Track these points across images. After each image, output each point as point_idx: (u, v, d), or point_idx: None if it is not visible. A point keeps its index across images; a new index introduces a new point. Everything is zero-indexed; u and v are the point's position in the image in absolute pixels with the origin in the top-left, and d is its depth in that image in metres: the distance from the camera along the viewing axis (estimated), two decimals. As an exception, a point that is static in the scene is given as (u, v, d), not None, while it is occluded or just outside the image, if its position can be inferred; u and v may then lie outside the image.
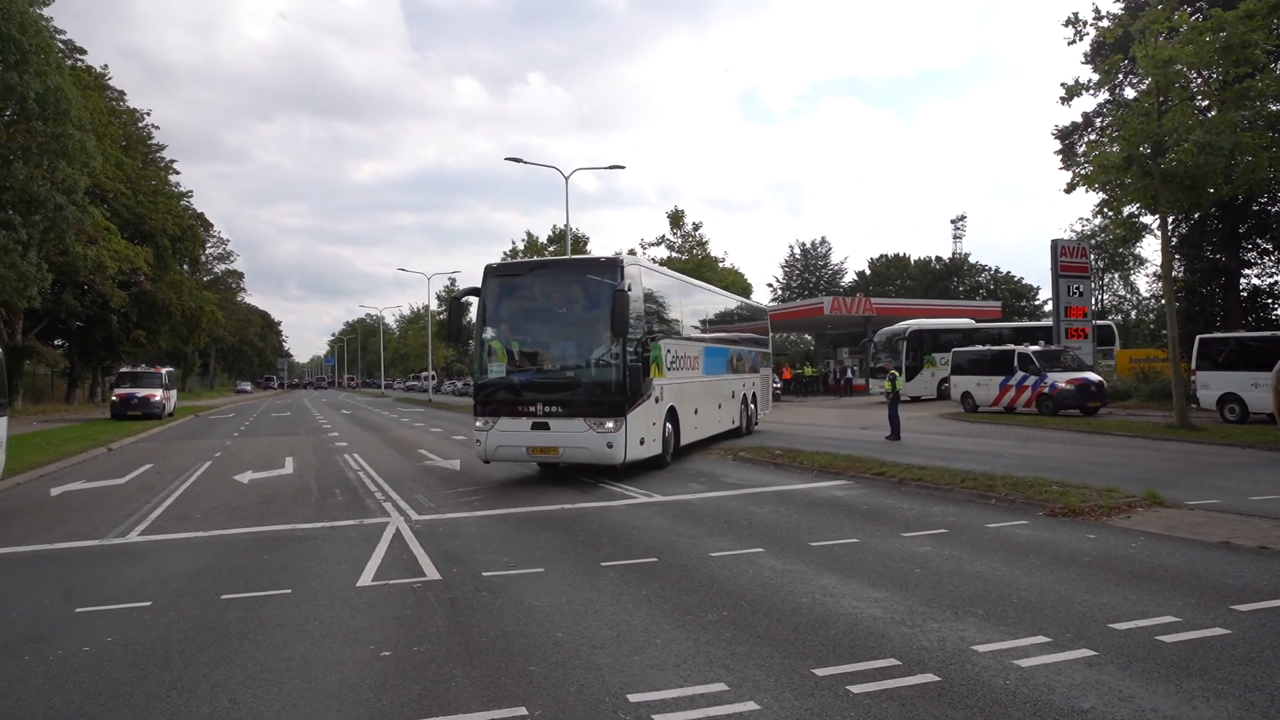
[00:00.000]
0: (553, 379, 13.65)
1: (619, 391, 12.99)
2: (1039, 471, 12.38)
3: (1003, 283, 75.72)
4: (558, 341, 14.08)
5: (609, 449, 12.95)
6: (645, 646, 5.47)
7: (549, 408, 13.21)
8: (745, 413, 21.62)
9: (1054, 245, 29.38)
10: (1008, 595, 6.41)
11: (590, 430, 12.98)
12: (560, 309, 14.05)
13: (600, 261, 13.81)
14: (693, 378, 17.03)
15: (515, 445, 13.42)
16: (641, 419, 13.59)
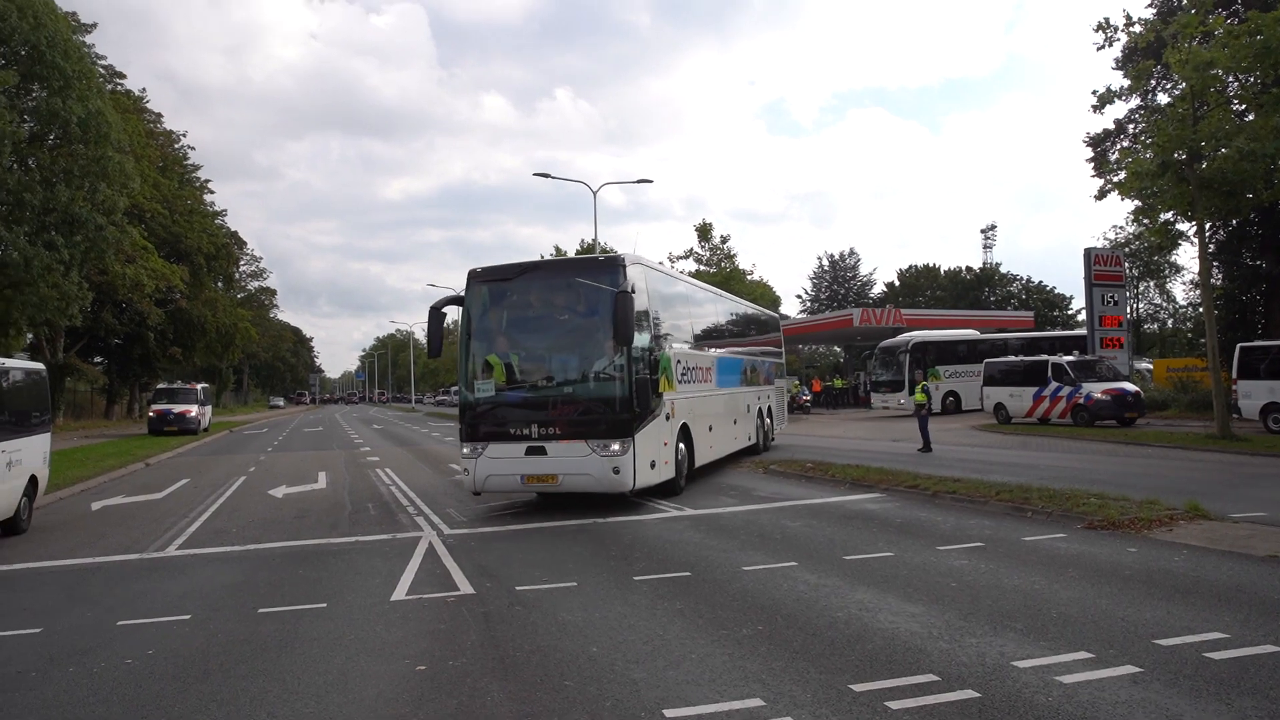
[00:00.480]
0: (549, 396, 12.00)
1: (625, 408, 11.55)
2: (1076, 484, 12.18)
3: (1035, 292, 74.77)
4: (553, 353, 12.51)
5: (615, 475, 11.43)
6: (680, 661, 5.44)
7: (545, 429, 11.62)
8: (761, 428, 20.36)
9: (1087, 254, 29.01)
10: (1047, 610, 6.30)
11: (593, 454, 11.47)
12: (555, 316, 12.53)
13: (599, 261, 12.39)
14: (706, 391, 15.64)
15: (508, 474, 11.79)
16: (651, 439, 12.12)
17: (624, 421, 11.54)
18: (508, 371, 12.12)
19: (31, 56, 30.47)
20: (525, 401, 12.02)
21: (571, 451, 11.55)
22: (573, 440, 11.55)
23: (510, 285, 12.55)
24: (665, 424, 12.76)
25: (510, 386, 12.09)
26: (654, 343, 12.58)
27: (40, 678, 5.68)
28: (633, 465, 11.55)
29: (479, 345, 12.41)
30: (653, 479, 12.18)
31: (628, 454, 11.51)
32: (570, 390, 11.95)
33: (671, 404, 13.02)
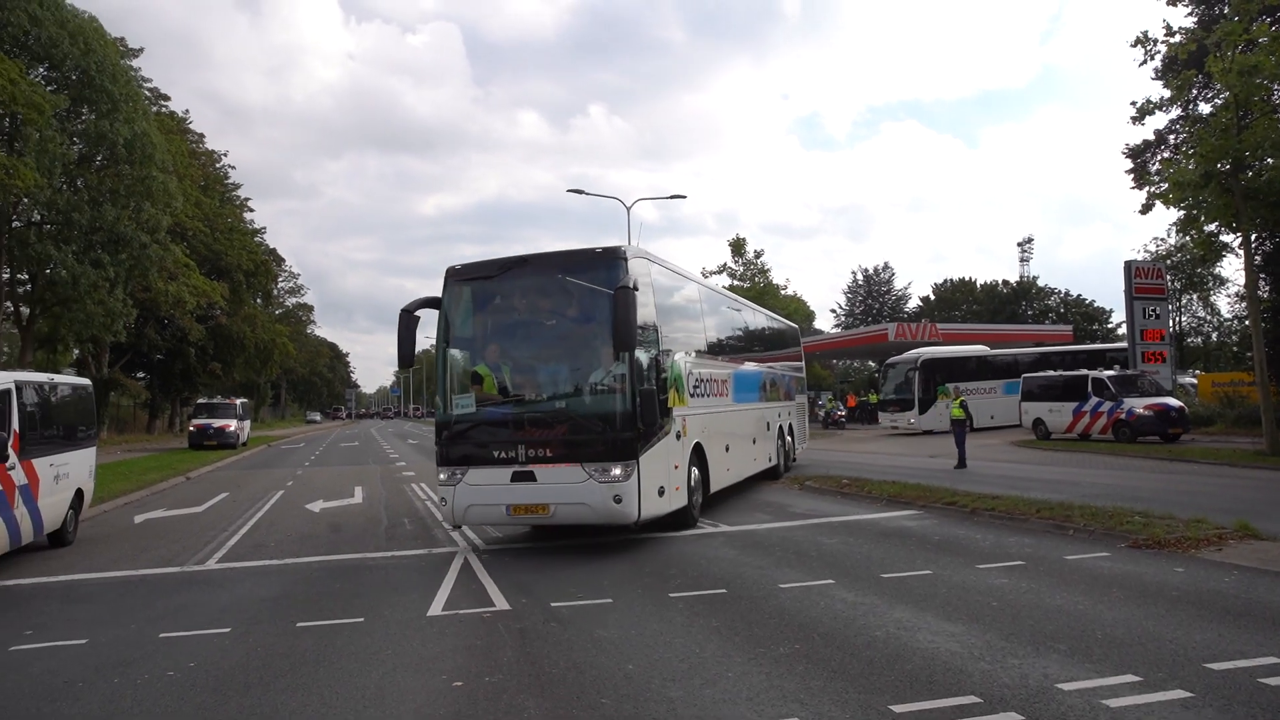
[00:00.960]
0: (538, 413, 10.30)
1: (627, 425, 9.88)
2: (1119, 501, 11.93)
3: (1073, 306, 73.70)
4: (544, 362, 10.89)
5: (617, 504, 9.77)
6: (717, 679, 5.40)
7: (534, 451, 10.02)
8: (782, 447, 18.76)
9: (1128, 267, 28.54)
10: (1092, 630, 6.16)
11: (591, 480, 9.81)
12: (546, 319, 11.08)
13: (595, 254, 10.51)
14: (722, 406, 14.07)
15: (491, 503, 10.21)
16: (659, 461, 10.49)
17: (626, 441, 9.90)
18: (491, 384, 10.59)
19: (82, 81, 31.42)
20: (511, 419, 10.34)
21: (565, 477, 9.95)
22: (566, 464, 9.94)
23: (494, 284, 11.00)
24: (676, 444, 11.15)
25: (493, 401, 10.49)
26: (661, 350, 10.97)
27: (86, 688, 5.78)
28: (637, 492, 9.86)
29: (458, 354, 11.09)
30: (661, 508, 10.56)
31: (631, 479, 9.81)
32: (563, 405, 10.28)
33: (683, 421, 11.52)
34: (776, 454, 18.09)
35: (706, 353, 13.72)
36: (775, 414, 18.39)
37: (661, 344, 10.96)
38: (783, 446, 18.77)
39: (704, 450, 12.43)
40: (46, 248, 30.43)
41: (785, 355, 20.94)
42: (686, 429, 11.64)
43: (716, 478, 13.20)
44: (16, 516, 10.38)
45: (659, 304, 11.18)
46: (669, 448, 10.88)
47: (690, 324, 13.19)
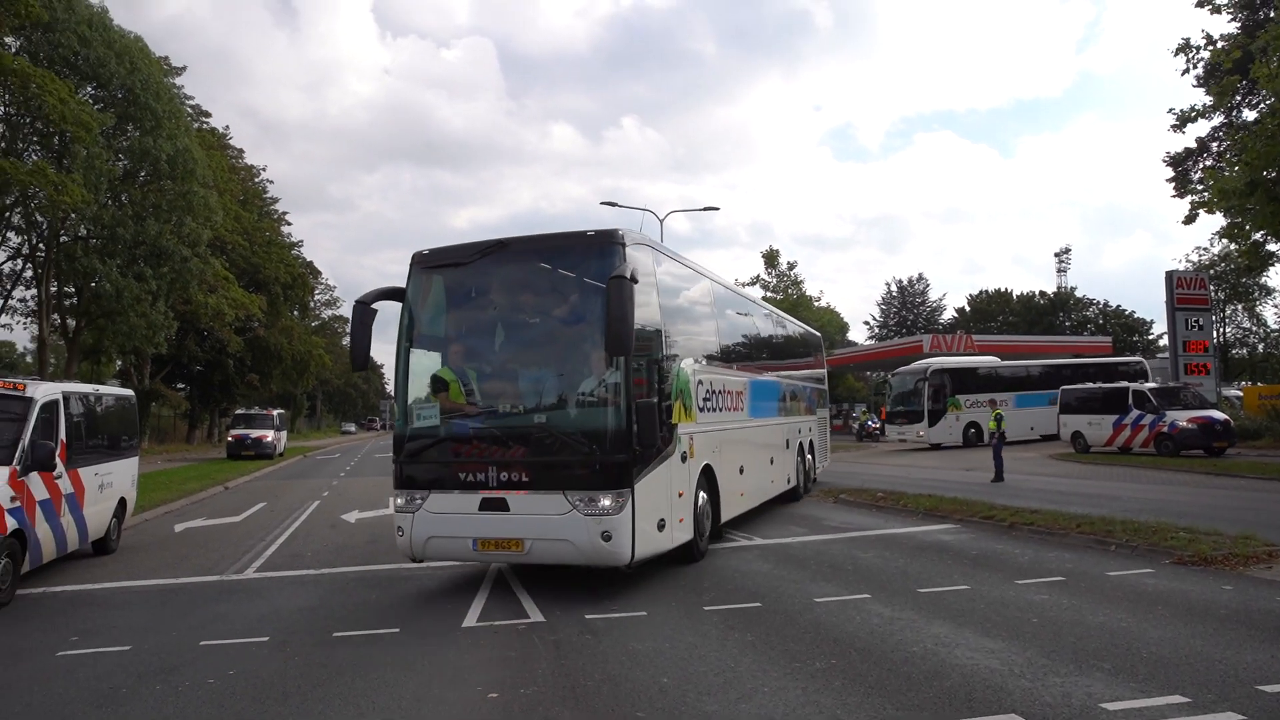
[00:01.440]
0: (514, 428, 8.65)
1: (620, 445, 8.17)
2: (1162, 516, 11.68)
3: (1113, 317, 72.53)
4: (523, 366, 9.20)
5: (605, 543, 8.06)
6: (753, 694, 5.36)
7: (508, 474, 8.39)
8: (802, 466, 17.02)
9: (1169, 277, 28.10)
10: (1136, 649, 6.04)
11: (575, 511, 8.13)
12: (527, 315, 9.37)
13: (587, 238, 8.83)
14: (736, 421, 12.29)
15: (455, 535, 8.64)
16: (659, 488, 8.80)
17: (619, 465, 8.18)
18: (458, 392, 8.97)
19: (127, 99, 32.23)
20: (481, 434, 8.73)
21: (544, 507, 8.28)
22: (546, 491, 8.29)
23: (466, 273, 9.29)
24: (680, 467, 9.47)
25: (461, 413, 8.91)
26: (665, 356, 9.29)
27: (130, 694, 5.87)
28: (630, 527, 8.15)
29: (422, 355, 9.42)
30: (659, 545, 8.87)
31: (624, 512, 8.11)
32: (544, 420, 8.60)
33: (690, 439, 9.83)
34: (796, 474, 16.52)
35: (719, 360, 12.01)
36: (795, 430, 16.74)
37: (666, 348, 9.29)
38: (803, 465, 17.16)
39: (714, 473, 10.75)
40: (92, 261, 31.17)
41: (806, 365, 19.37)
42: (694, 449, 9.98)
43: (728, 504, 11.55)
44: (63, 524, 10.59)
45: (664, 301, 9.53)
46: (672, 472, 9.18)
47: (700, 326, 11.54)
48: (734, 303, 13.94)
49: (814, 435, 18.62)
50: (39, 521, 9.88)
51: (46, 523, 10.11)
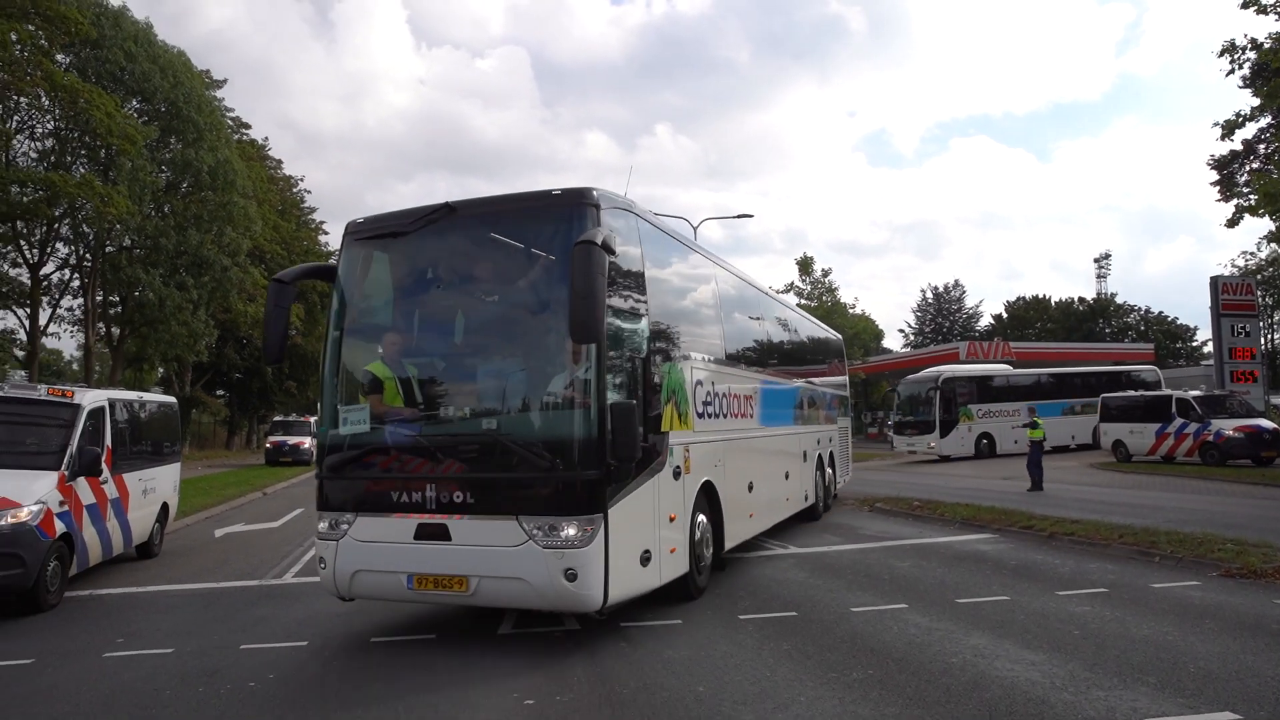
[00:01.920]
0: (458, 435, 7.11)
1: (590, 458, 6.57)
2: (1208, 527, 11.43)
3: (1154, 323, 71.17)
4: (471, 360, 7.53)
5: (570, 584, 6.46)
6: (789, 704, 5.33)
7: (449, 494, 6.80)
8: (821, 481, 15.37)
9: (1214, 283, 27.50)
10: (1183, 663, 5.91)
11: (531, 543, 6.54)
12: (477, 297, 7.72)
13: (550, 199, 7.19)
14: (744, 430, 10.68)
15: (387, 570, 7.02)
16: (643, 512, 7.23)
17: (588, 484, 6.57)
18: (393, 391, 7.31)
19: (170, 112, 32.99)
20: (418, 444, 7.11)
21: (493, 536, 6.66)
22: (496, 515, 6.69)
23: (407, 246, 7.68)
24: (673, 485, 7.89)
25: (396, 417, 7.26)
26: (653, 348, 7.63)
27: (174, 696, 5.97)
28: (602, 563, 6.52)
29: (355, 346, 7.81)
30: (644, 583, 7.26)
31: (594, 544, 6.49)
32: (494, 426, 6.93)
33: (686, 451, 8.27)
34: (815, 490, 14.84)
35: (724, 358, 10.25)
36: (814, 440, 15.17)
37: (654, 340, 7.72)
38: (822, 480, 15.51)
39: (716, 491, 9.15)
40: (136, 271, 31.89)
41: (827, 370, 17.58)
42: (691, 462, 8.39)
43: (734, 527, 9.89)
44: (108, 528, 10.82)
45: (653, 282, 7.90)
46: (661, 491, 7.58)
47: (701, 317, 9.78)
48: (743, 293, 11.97)
49: (835, 446, 17.07)
50: (86, 525, 10.11)
51: (93, 526, 10.34)
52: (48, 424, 10.12)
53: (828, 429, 16.52)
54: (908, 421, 33.84)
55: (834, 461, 16.77)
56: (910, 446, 33.54)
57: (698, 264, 10.12)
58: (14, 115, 30.03)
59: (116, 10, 31.86)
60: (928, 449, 32.22)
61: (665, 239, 8.94)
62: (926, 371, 34.96)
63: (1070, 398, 33.00)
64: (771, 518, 12.15)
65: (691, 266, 9.87)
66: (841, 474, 17.93)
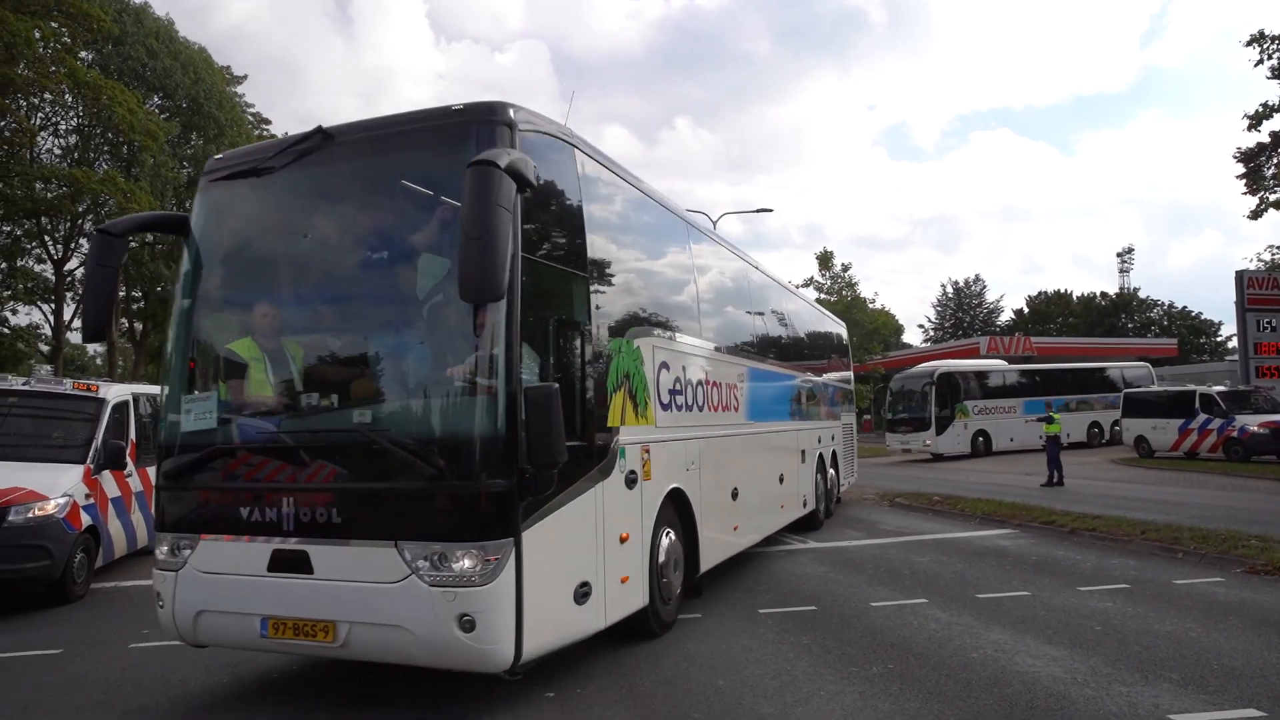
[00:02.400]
0: (322, 433, 5.42)
1: (495, 463, 4.89)
2: (1232, 524, 11.33)
3: (1178, 318, 70.41)
4: (346, 334, 5.76)
5: (465, 636, 4.78)
6: (810, 698, 5.34)
7: (311, 511, 5.16)
8: (823, 485, 13.76)
9: (1239, 277, 27.14)
10: (1206, 660, 5.87)
11: (415, 579, 4.88)
12: (358, 249, 5.86)
13: (446, 116, 5.48)
14: (725, 426, 9.03)
15: (235, 611, 5.38)
16: (575, 534, 5.64)
17: (493, 499, 4.90)
18: (263, 377, 5.65)
19: (191, 108, 33.29)
20: (276, 444, 5.43)
21: (365, 568, 5.00)
22: (368, 540, 5.01)
23: (273, 187, 5.89)
24: (625, 496, 6.31)
25: (255, 409, 5.66)
26: (595, 316, 6.05)
27: (198, 686, 6.06)
28: (513, 607, 4.87)
29: (203, 317, 6.07)
30: (578, 627, 5.63)
31: (500, 580, 4.81)
32: (369, 418, 5.21)
33: (645, 452, 6.71)
34: (815, 494, 13.12)
35: (700, 339, 8.58)
36: (814, 437, 13.42)
37: (598, 308, 6.12)
38: (823, 483, 13.81)
39: (688, 500, 7.57)
40: (158, 266, 32.25)
41: (829, 361, 15.90)
42: (651, 466, 6.80)
43: (713, 545, 8.24)
44: (133, 521, 10.96)
45: (599, 233, 6.35)
46: (607, 504, 5.97)
47: (668, 282, 8.11)
48: (725, 263, 10.28)
49: (838, 444, 15.31)
50: (111, 518, 10.24)
51: (118, 519, 10.47)
52: (73, 418, 10.26)
53: (830, 425, 14.88)
54: (901, 418, 32.36)
55: (837, 461, 15.14)
56: (904, 444, 32.09)
57: (665, 221, 8.29)
58: (38, 112, 30.41)
59: (138, 7, 32.20)
60: (923, 446, 30.87)
61: (618, 183, 7.13)
62: (920, 367, 34.05)
63: (1062, 394, 32.37)
64: (761, 529, 10.45)
65: (655, 220, 8.06)
66: (846, 475, 16.32)
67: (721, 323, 9.63)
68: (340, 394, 5.47)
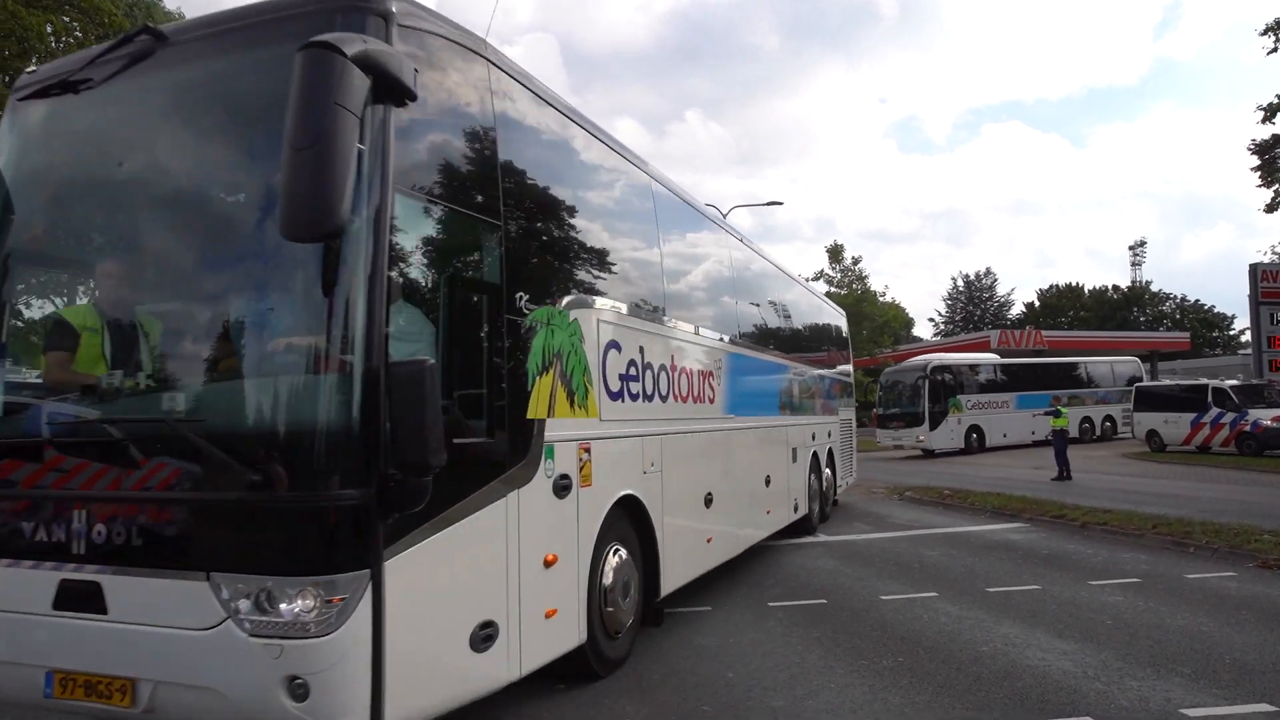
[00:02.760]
0: (124, 423, 3.91)
1: (343, 465, 3.48)
2: (1244, 518, 11.29)
3: (1190, 312, 70.02)
4: (165, 290, 4.49)
5: (292, 705, 3.38)
6: (820, 691, 5.35)
7: (106, 531, 3.75)
8: (818, 487, 12.57)
9: (1253, 270, 26.99)
10: (1218, 654, 5.86)
11: (230, 624, 3.47)
12: (192, 181, 4.40)
13: (303, 6, 3.99)
14: (699, 419, 7.82)
15: (13, 661, 3.96)
16: (471, 560, 4.28)
17: (341, 514, 3.52)
18: (96, 352, 4.32)
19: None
20: (68, 439, 4.09)
21: (170, 607, 3.63)
22: (174, 571, 3.64)
23: (91, 104, 4.46)
24: (551, 508, 5.06)
25: (38, 391, 4.57)
26: (513, 274, 4.77)
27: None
28: (369, 667, 3.49)
29: (16, 272, 4.81)
30: (476, 682, 4.37)
31: (345, 628, 3.42)
32: (180, 405, 4.00)
33: (583, 452, 5.50)
34: (808, 496, 11.86)
35: (665, 313, 7.19)
36: (808, 434, 12.12)
37: (516, 264, 4.84)
38: (818, 484, 12.57)
39: (647, 512, 6.36)
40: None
41: (827, 357, 14.69)
42: (592, 468, 5.57)
43: (677, 565, 6.95)
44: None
45: (518, 167, 5.08)
46: (524, 519, 4.69)
47: (622, 240, 6.76)
48: (701, 228, 8.93)
49: (834, 442, 14.02)
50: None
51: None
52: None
53: (825, 420, 13.44)
54: (893, 413, 31.27)
55: (834, 460, 13.84)
56: (896, 440, 31.10)
57: (619, 169, 6.85)
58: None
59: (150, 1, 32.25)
60: (916, 443, 29.91)
61: (554, 115, 5.76)
62: (913, 360, 33.38)
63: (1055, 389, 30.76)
64: (741, 541, 9.05)
65: (605, 165, 6.64)
66: (844, 474, 14.96)
67: (695, 298, 8.33)
68: (151, 371, 4.28)
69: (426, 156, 4.20)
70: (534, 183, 5.33)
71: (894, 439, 31.20)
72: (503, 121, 4.86)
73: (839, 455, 14.37)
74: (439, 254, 4.31)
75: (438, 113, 4.35)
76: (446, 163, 4.36)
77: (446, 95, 4.44)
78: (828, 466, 13.34)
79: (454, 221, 4.38)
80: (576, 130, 6.10)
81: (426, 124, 4.19)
